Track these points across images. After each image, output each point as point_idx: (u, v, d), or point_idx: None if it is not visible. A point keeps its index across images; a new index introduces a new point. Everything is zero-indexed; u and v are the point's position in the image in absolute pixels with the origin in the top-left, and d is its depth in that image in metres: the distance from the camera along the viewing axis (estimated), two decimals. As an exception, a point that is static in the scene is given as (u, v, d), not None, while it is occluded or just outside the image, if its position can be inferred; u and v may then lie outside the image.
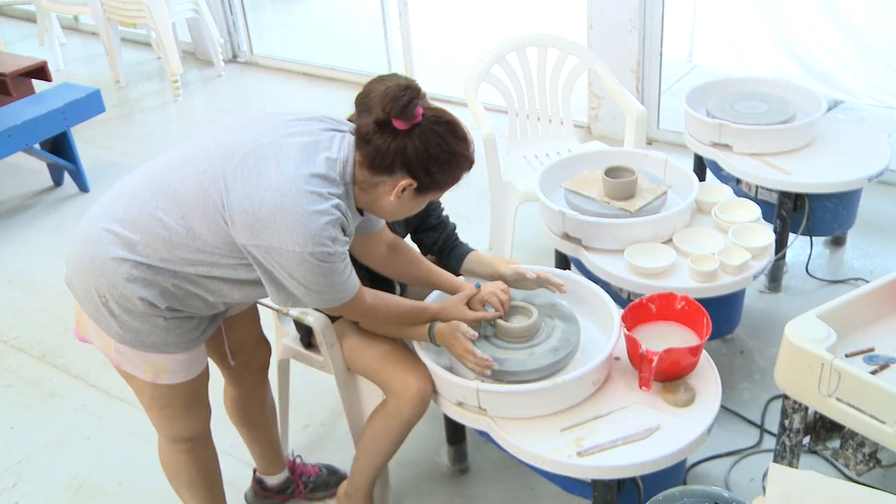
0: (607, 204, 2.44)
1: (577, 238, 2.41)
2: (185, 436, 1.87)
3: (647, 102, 3.98)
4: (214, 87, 5.17)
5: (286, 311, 2.05)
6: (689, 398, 1.83)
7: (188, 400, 1.81)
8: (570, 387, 1.81)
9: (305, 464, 2.30)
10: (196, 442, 1.91)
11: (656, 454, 1.72)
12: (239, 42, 5.48)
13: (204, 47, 5.42)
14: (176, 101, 4.96)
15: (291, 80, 5.19)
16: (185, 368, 1.74)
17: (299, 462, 2.30)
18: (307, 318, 2.02)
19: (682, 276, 2.26)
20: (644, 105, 3.77)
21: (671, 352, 1.81)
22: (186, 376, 1.76)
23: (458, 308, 1.90)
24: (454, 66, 5.05)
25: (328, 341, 2.02)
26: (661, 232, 2.38)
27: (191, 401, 1.82)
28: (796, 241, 2.91)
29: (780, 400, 1.94)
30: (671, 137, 4.01)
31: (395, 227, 2.07)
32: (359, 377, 2.13)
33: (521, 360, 1.89)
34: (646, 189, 2.48)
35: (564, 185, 2.56)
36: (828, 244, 3.18)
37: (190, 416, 1.84)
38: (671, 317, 2.01)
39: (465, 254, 2.13)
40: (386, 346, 2.01)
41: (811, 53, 3.89)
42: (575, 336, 1.95)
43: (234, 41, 5.48)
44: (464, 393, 1.85)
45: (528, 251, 3.29)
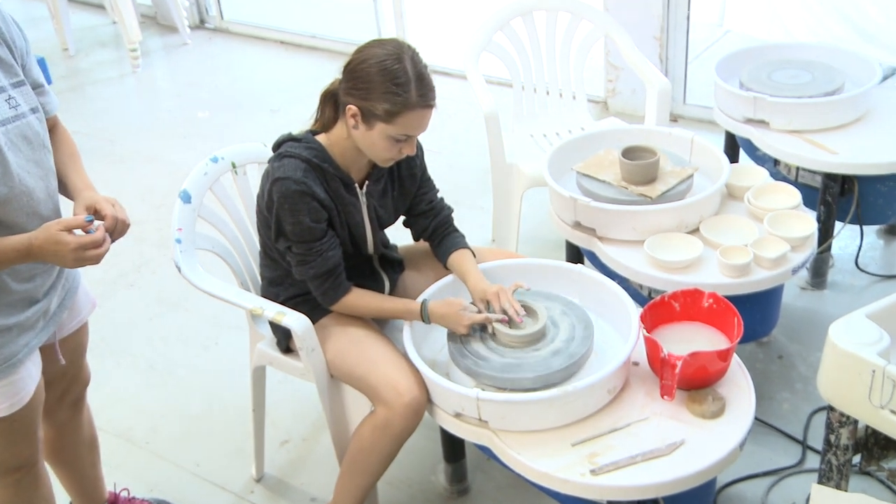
0: (625, 189, 2.45)
1: (591, 227, 2.42)
2: (12, 465, 1.79)
3: (672, 74, 3.99)
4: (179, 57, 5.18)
5: (260, 312, 2.07)
6: (719, 409, 1.84)
7: (15, 427, 1.74)
8: (583, 395, 1.82)
9: (133, 498, 2.31)
10: (26, 472, 1.82)
11: (681, 472, 1.73)
12: (207, 5, 5.48)
13: (167, 11, 5.42)
14: (135, 72, 4.96)
15: (267, 50, 5.20)
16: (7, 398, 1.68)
17: (124, 496, 2.30)
18: (284, 318, 2.03)
19: (710, 270, 2.27)
20: (668, 77, 3.78)
21: (697, 356, 1.82)
22: (10, 408, 1.69)
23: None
24: (452, 33, 5.06)
25: (308, 345, 2.04)
26: (687, 220, 2.39)
27: (18, 427, 1.75)
28: (844, 230, 2.91)
29: (825, 412, 1.94)
30: (699, 113, 4.02)
31: (384, 212, 2.09)
32: (344, 385, 2.14)
33: (526, 365, 1.90)
34: (669, 172, 2.49)
35: (577, 167, 2.57)
36: (881, 234, 3.18)
37: (18, 442, 1.77)
38: (697, 316, 2.02)
39: (451, 249, 2.15)
40: (374, 349, 2.02)
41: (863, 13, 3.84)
42: (588, 338, 1.96)
43: (201, 4, 5.48)
44: (462, 402, 1.86)
45: (535, 243, 3.30)
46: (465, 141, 4.12)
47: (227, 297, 2.11)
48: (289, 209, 1.91)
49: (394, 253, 2.24)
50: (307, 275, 1.99)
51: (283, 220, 1.94)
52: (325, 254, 1.97)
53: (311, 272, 1.99)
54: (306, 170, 1.92)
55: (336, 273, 2.00)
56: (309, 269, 1.98)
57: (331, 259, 1.98)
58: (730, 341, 1.93)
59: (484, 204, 3.50)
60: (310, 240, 1.96)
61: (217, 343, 3.01)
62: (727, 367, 1.92)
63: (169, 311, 3.17)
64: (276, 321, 2.05)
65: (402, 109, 1.85)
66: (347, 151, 1.98)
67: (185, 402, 2.77)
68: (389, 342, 2.07)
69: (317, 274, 1.99)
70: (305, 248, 1.96)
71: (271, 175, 1.93)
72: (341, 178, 1.99)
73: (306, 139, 1.97)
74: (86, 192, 1.72)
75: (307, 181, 1.91)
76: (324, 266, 1.98)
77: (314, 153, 1.95)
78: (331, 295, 2.02)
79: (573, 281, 2.17)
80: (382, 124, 1.88)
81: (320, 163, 1.94)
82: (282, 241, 1.99)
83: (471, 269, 2.10)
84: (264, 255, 2.13)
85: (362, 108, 1.88)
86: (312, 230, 1.94)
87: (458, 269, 2.12)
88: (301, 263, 1.99)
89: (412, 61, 1.87)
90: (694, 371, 1.85)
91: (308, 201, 1.91)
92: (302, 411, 2.67)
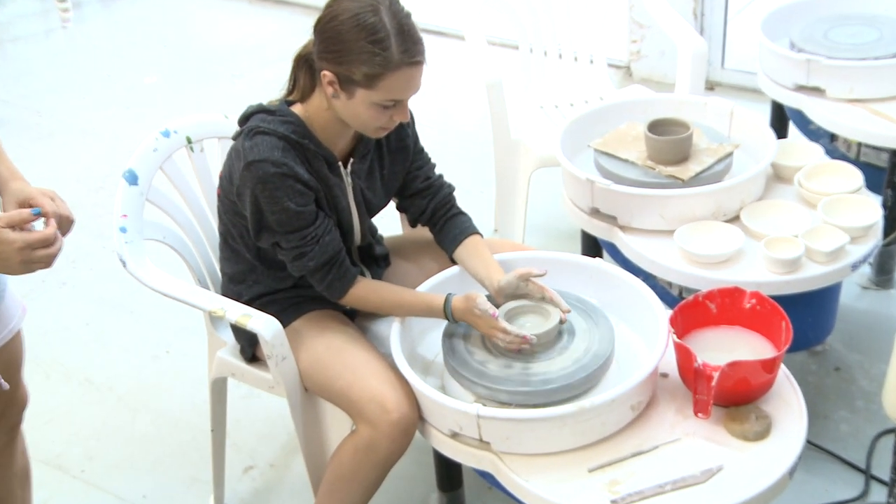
0: (651, 170, 2.47)
1: (612, 215, 2.44)
2: None
3: (708, 33, 4.00)
4: (119, 9, 5.17)
5: (221, 314, 2.08)
6: (763, 429, 1.86)
7: None
8: (602, 412, 1.84)
9: None
10: None
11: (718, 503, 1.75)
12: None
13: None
14: (65, 27, 4.94)
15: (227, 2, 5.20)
16: None
17: None
18: (250, 321, 2.05)
19: (752, 265, 2.29)
20: (703, 36, 3.79)
21: (737, 366, 1.83)
22: None
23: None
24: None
25: (278, 353, 2.05)
26: (725, 206, 2.40)
27: None
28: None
29: (893, 436, 1.95)
30: (740, 80, 4.04)
31: (372, 195, 2.11)
32: (320, 401, 2.16)
33: (535, 376, 1.92)
34: (704, 149, 2.51)
35: (594, 144, 2.58)
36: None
37: None
38: (737, 320, 2.03)
39: (460, 235, 2.17)
40: (356, 357, 2.04)
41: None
42: (607, 344, 1.98)
43: (145, -51, 5.47)
44: (460, 420, 1.88)
45: (545, 233, 3.31)
46: (461, 114, 4.13)
47: (182, 297, 2.13)
48: (269, 197, 1.92)
49: (379, 245, 2.26)
50: (307, 268, 2.00)
51: (263, 212, 1.95)
52: (321, 239, 1.98)
53: (311, 264, 1.99)
54: (284, 148, 1.93)
55: (339, 260, 2.01)
56: (308, 261, 1.99)
57: (330, 245, 1.99)
58: (776, 349, 1.95)
59: (484, 188, 3.51)
60: (300, 227, 1.96)
61: (168, 351, 3.03)
62: (773, 380, 1.93)
63: (110, 314, 3.19)
64: (239, 324, 2.06)
65: (383, 71, 1.86)
66: (329, 125, 1.99)
67: (128, 422, 2.79)
68: (374, 349, 2.09)
69: (318, 265, 1.99)
70: (298, 237, 1.97)
71: (242, 156, 1.93)
72: (324, 155, 2.00)
73: (281, 111, 1.98)
74: (14, 183, 1.69)
75: (287, 161, 1.92)
76: (324, 254, 1.99)
77: (292, 128, 1.96)
78: (337, 287, 2.03)
79: (590, 277, 2.19)
80: (364, 91, 1.88)
81: (300, 139, 1.95)
82: (266, 235, 1.99)
83: (488, 260, 2.11)
84: (225, 247, 2.14)
85: (339, 74, 1.88)
86: (301, 215, 1.95)
87: (472, 261, 2.12)
88: (297, 257, 1.99)
89: (391, 12, 1.87)
90: (734, 384, 1.86)
91: (291, 184, 1.92)
92: (270, 432, 2.69)
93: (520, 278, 2.03)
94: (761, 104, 3.21)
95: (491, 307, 1.96)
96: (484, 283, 2.09)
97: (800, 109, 2.88)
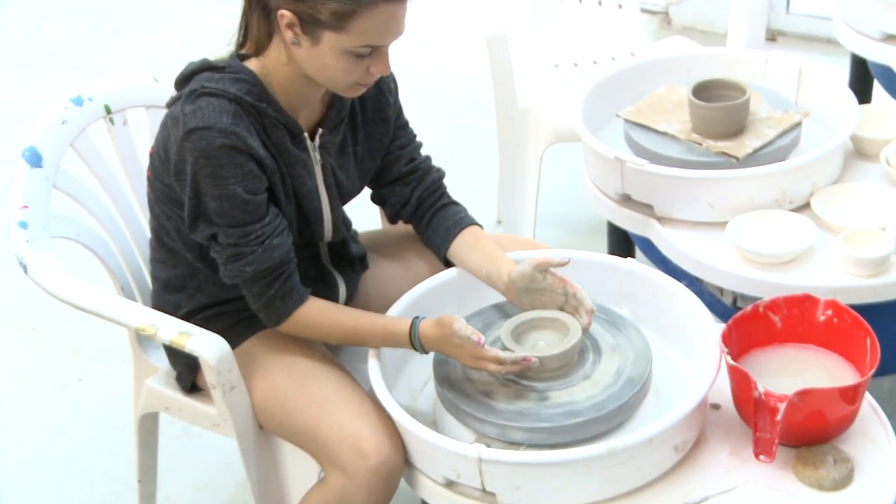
0: (697, 145, 2.48)
1: (647, 204, 2.45)
2: None
3: (769, -32, 4.02)
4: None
5: (152, 331, 2.08)
6: (843, 476, 1.85)
7: None
8: (637, 454, 1.84)
9: None
10: None
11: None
12: None
13: None
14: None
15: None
16: None
17: None
18: (189, 341, 2.03)
19: (827, 266, 2.29)
20: (762, -27, 3.80)
21: (809, 395, 1.83)
22: None
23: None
24: None
25: (226, 381, 2.04)
26: (792, 191, 2.41)
27: None
28: None
29: None
30: (810, 28, 4.05)
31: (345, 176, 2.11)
32: (279, 442, 2.15)
33: (551, 408, 1.92)
34: (764, 119, 2.51)
35: (625, 113, 2.59)
36: None
37: None
38: (809, 336, 2.04)
39: (454, 229, 2.18)
40: (325, 387, 2.04)
41: None
42: (643, 368, 1.98)
43: None
44: (457, 464, 1.87)
45: (561, 226, 3.32)
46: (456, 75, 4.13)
47: (100, 310, 2.12)
48: (212, 176, 1.91)
49: (355, 242, 2.27)
50: (243, 275, 1.98)
51: (202, 194, 1.94)
52: (268, 241, 1.97)
53: (248, 270, 1.97)
54: (236, 114, 1.92)
55: (286, 272, 2.00)
56: (245, 265, 1.96)
57: (278, 250, 1.98)
58: (859, 374, 1.96)
59: (485, 169, 3.52)
60: (245, 221, 1.95)
61: (82, 379, 3.03)
62: (855, 413, 1.93)
63: (4, 333, 3.19)
64: (176, 345, 2.05)
65: (356, 7, 1.84)
66: (292, 84, 1.99)
67: (30, 469, 2.78)
68: (347, 376, 2.09)
69: (257, 272, 1.97)
70: (239, 233, 1.95)
71: (181, 124, 1.92)
72: (286, 124, 1.99)
73: (232, 67, 1.97)
74: None
75: (238, 131, 1.91)
76: (267, 260, 1.97)
77: (246, 88, 1.95)
78: (278, 307, 2.01)
79: (619, 283, 2.20)
80: (332, 34, 1.88)
81: (256, 102, 1.95)
82: (202, 226, 1.98)
83: (492, 251, 2.11)
84: (158, 246, 2.14)
85: (300, 14, 1.87)
86: (249, 206, 1.94)
87: (472, 256, 2.13)
88: (232, 258, 1.97)
89: None
90: (805, 418, 1.86)
91: (241, 161, 1.92)
92: (214, 482, 2.69)
93: (536, 268, 2.04)
94: (838, 59, 3.22)
95: (473, 332, 1.93)
96: (491, 279, 2.10)
97: (889, 66, 2.89)
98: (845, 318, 2.01)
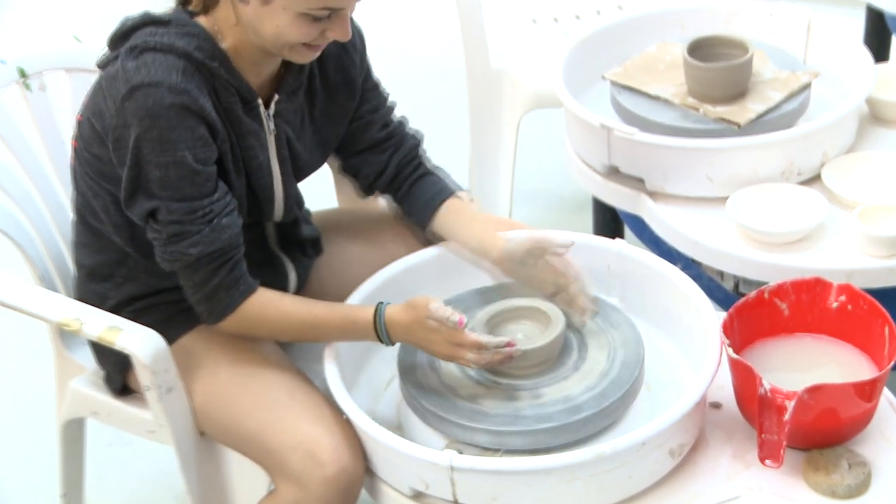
0: (694, 111, 2.49)
1: (637, 177, 2.46)
2: None
3: None
4: None
5: (77, 326, 2.06)
6: (859, 482, 1.86)
7: None
8: (628, 459, 1.84)
9: None
10: None
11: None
12: None
13: None
14: None
15: None
16: None
17: None
18: (120, 336, 2.02)
19: (840, 245, 2.31)
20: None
21: (821, 391, 1.84)
22: None
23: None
24: None
25: (162, 382, 2.04)
26: (800, 162, 2.43)
27: None
28: None
29: None
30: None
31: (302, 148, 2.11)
32: (223, 450, 2.15)
33: (531, 409, 1.93)
34: (769, 80, 2.53)
35: (611, 75, 2.60)
36: None
37: None
38: (820, 326, 2.05)
39: (440, 196, 2.17)
40: (275, 388, 2.04)
41: None
42: (634, 363, 1.99)
43: None
44: (425, 473, 1.88)
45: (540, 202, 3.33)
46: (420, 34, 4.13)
47: (15, 301, 2.11)
48: (157, 139, 1.87)
49: (307, 223, 2.26)
50: (184, 260, 1.94)
51: (144, 162, 1.90)
52: (216, 220, 1.94)
53: (191, 253, 1.93)
54: (186, 70, 1.90)
55: (233, 258, 1.97)
56: (188, 246, 1.92)
57: (226, 231, 1.95)
58: (877, 368, 1.97)
59: (454, 138, 3.52)
60: (192, 195, 1.91)
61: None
62: (872, 412, 1.94)
63: None
64: (104, 341, 2.03)
65: None
66: (242, 46, 1.98)
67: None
68: (300, 375, 2.09)
69: (202, 258, 1.93)
70: (184, 209, 1.91)
71: (122, 81, 1.89)
72: (238, 88, 1.97)
73: (179, 20, 1.95)
74: None
75: (190, 89, 1.89)
76: (214, 242, 1.94)
77: (195, 43, 1.92)
78: (222, 299, 1.98)
79: (606, 266, 2.21)
80: None
81: (207, 60, 1.93)
82: (141, 200, 1.93)
83: (481, 220, 2.12)
84: (83, 228, 2.12)
85: None
86: (197, 177, 1.91)
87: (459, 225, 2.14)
88: (173, 238, 1.93)
89: None
90: (816, 417, 1.87)
91: (192, 125, 1.89)
92: (149, 495, 2.70)
93: (534, 246, 2.05)
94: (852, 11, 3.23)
95: (453, 312, 1.93)
96: (484, 248, 2.10)
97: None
98: (861, 305, 2.01)
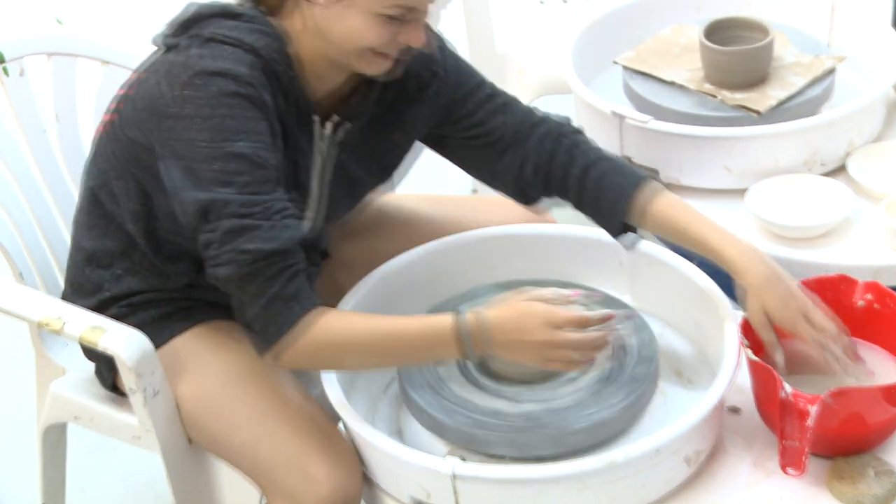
0: (711, 97, 2.50)
1: (651, 167, 2.47)
2: None
3: None
4: None
5: (58, 326, 2.06)
6: (886, 491, 1.87)
7: None
8: (642, 468, 1.85)
9: None
10: None
11: None
12: None
13: None
14: None
15: None
16: None
17: None
18: (103, 337, 2.01)
19: (866, 240, 2.32)
20: None
21: (846, 396, 1.84)
22: None
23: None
24: None
25: (148, 385, 2.03)
26: (824, 152, 2.43)
27: None
28: None
29: None
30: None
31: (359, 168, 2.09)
32: (212, 459, 2.16)
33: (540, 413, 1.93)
34: (790, 64, 2.53)
35: (623, 60, 2.61)
36: None
37: None
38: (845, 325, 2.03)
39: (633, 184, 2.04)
40: (268, 396, 2.03)
41: None
42: (648, 365, 1.99)
43: None
44: (426, 482, 1.88)
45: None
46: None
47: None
48: (218, 128, 1.81)
49: None
50: (238, 262, 1.83)
51: (199, 152, 1.83)
52: (275, 218, 1.84)
53: (247, 250, 1.81)
54: (253, 65, 1.87)
55: (292, 266, 1.86)
56: (243, 242, 1.81)
57: (287, 231, 1.84)
58: (904, 369, 1.99)
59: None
60: (252, 190, 1.83)
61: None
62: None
63: None
64: (86, 342, 2.04)
65: None
66: (307, 54, 1.94)
67: None
68: (295, 382, 2.09)
69: (257, 260, 1.82)
70: (241, 202, 1.82)
71: (186, 66, 1.86)
72: (297, 98, 1.93)
73: (251, 16, 1.91)
74: None
75: (255, 82, 1.86)
76: (275, 240, 1.83)
77: (265, 42, 1.90)
78: (280, 312, 1.85)
79: (619, 263, 2.22)
80: None
81: (274, 61, 1.90)
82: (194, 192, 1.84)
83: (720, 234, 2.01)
84: (92, 207, 2.07)
85: None
86: (257, 170, 1.83)
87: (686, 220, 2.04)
88: (228, 236, 1.82)
89: None
90: (841, 423, 1.87)
91: (255, 116, 1.85)
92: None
93: None
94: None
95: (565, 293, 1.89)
96: (732, 268, 2.01)
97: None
98: (888, 304, 2.02)
